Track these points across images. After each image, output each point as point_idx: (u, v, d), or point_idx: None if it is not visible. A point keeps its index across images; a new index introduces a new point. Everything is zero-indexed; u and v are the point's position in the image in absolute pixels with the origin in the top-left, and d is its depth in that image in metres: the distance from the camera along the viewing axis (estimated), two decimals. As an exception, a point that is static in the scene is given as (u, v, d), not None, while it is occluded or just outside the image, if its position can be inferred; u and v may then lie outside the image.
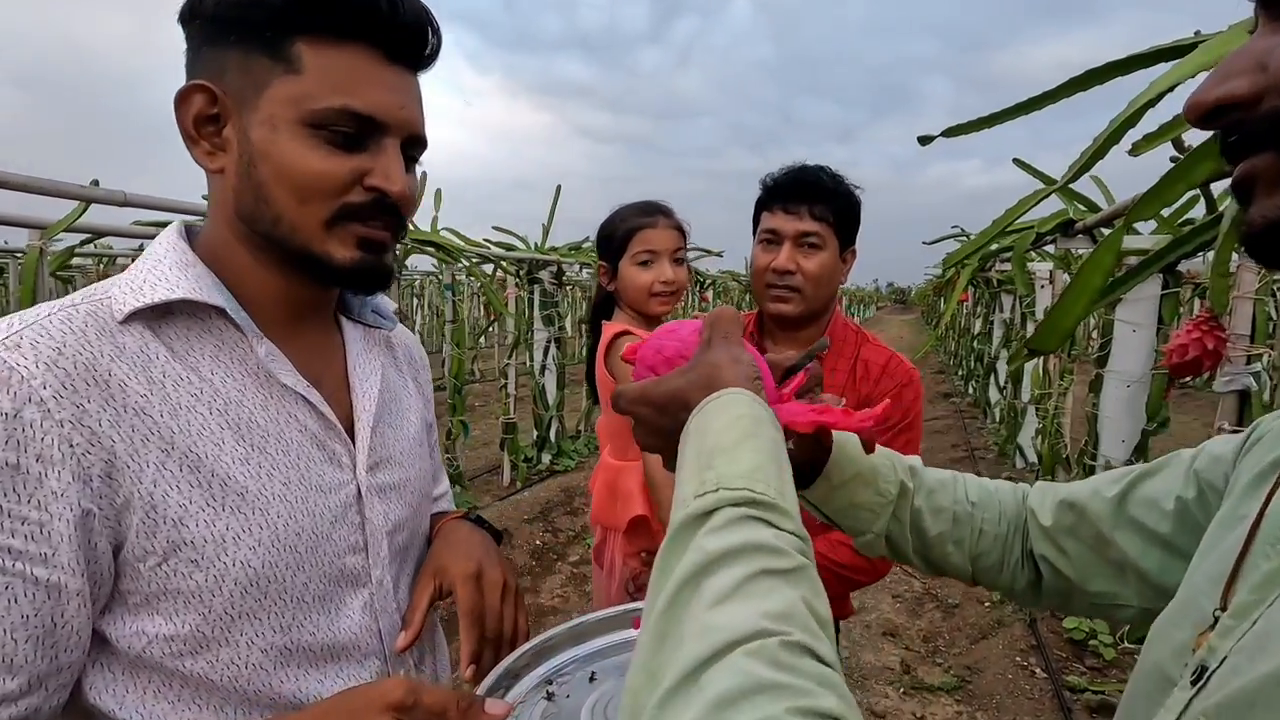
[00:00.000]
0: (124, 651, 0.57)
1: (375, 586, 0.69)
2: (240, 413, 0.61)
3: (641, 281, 1.27)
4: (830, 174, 1.28)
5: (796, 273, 1.24)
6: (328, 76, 0.59)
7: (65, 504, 0.52)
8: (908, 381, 1.28)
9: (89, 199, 2.33)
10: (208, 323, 0.62)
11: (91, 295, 0.60)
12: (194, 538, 0.56)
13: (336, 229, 0.61)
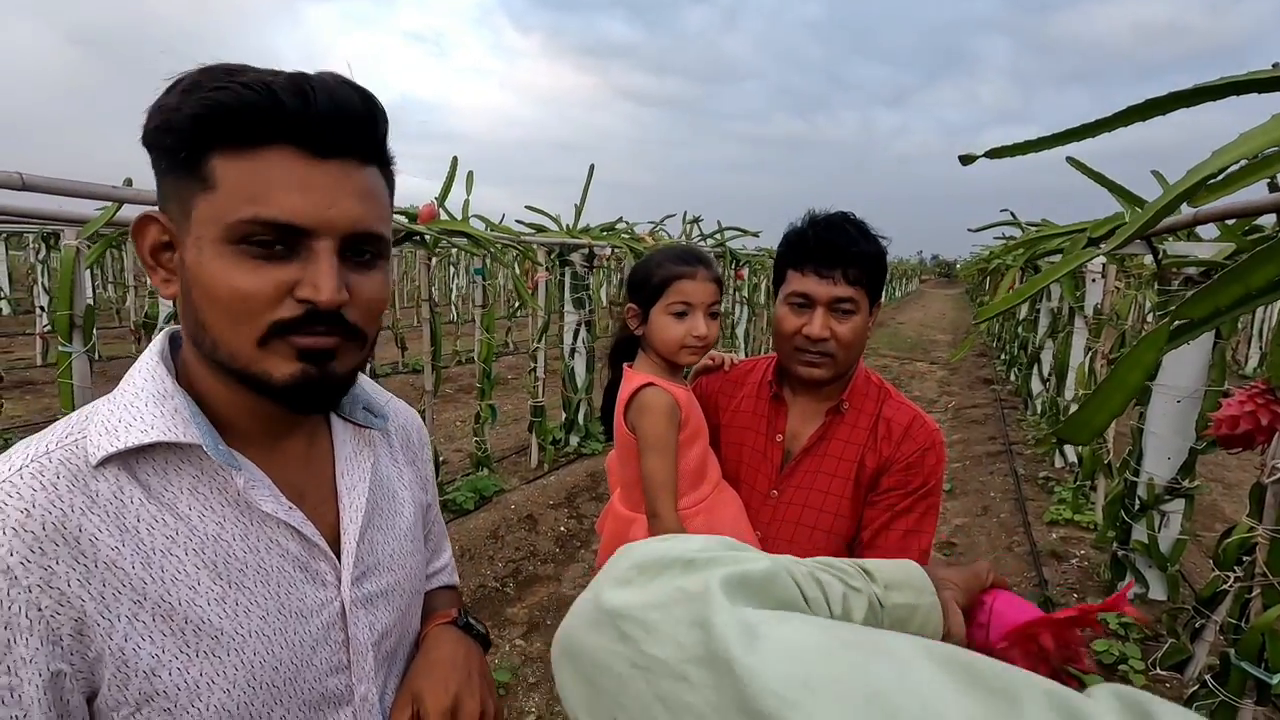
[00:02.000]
0: None
1: (358, 704, 0.69)
2: (218, 549, 0.61)
3: (674, 334, 1.22)
4: (860, 228, 1.20)
5: (830, 339, 1.18)
6: (240, 188, 0.56)
7: (35, 669, 0.52)
8: (930, 445, 1.22)
9: (121, 199, 2.36)
10: (186, 452, 0.61)
11: (65, 439, 0.59)
12: (166, 687, 0.56)
13: (272, 344, 0.59)
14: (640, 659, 0.36)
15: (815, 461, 1.26)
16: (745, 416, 1.34)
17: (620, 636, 0.38)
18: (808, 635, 0.35)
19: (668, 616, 0.37)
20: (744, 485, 1.30)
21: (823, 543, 1.23)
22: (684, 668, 0.35)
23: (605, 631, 0.39)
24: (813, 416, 1.28)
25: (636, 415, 1.20)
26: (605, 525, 1.35)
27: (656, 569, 0.40)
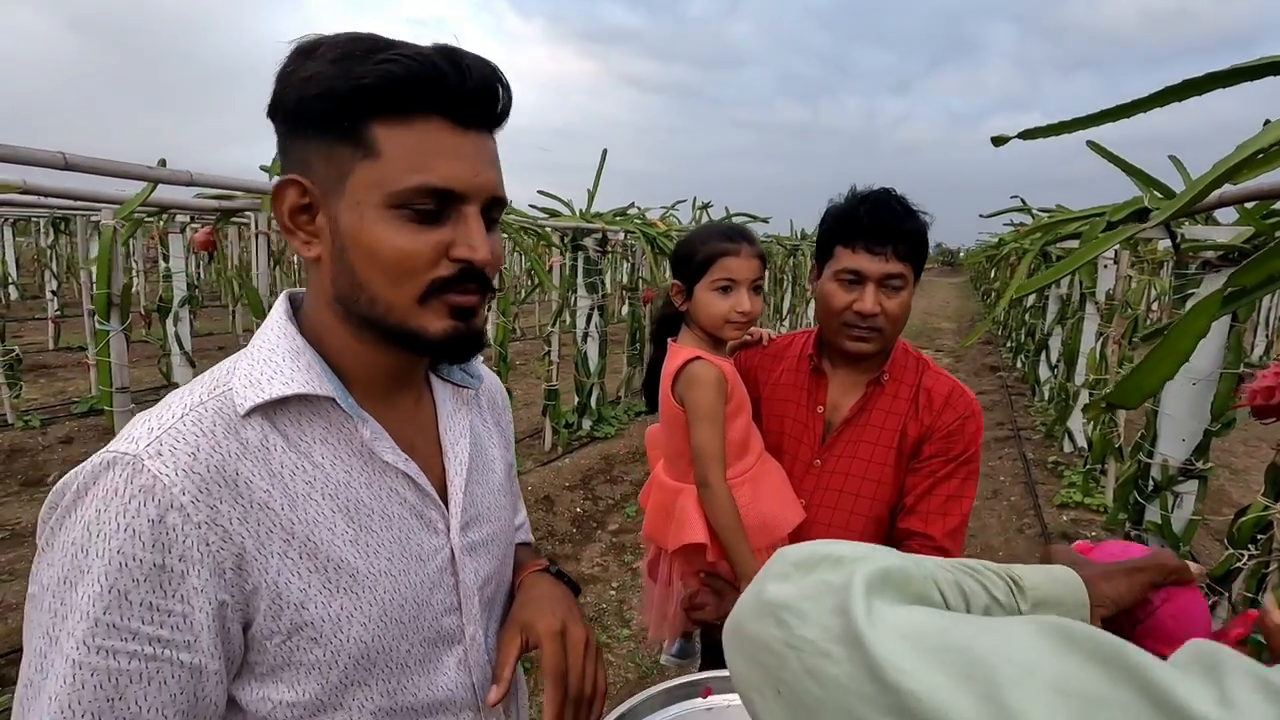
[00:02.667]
0: (252, 714, 0.63)
1: (469, 643, 0.74)
2: (348, 494, 0.65)
3: (719, 309, 1.25)
4: (905, 205, 1.23)
5: (880, 315, 1.21)
6: (403, 156, 0.60)
7: (205, 598, 0.57)
8: (969, 413, 1.26)
9: (156, 180, 2.39)
10: (316, 406, 0.65)
11: (214, 390, 0.63)
12: (313, 619, 0.62)
13: (429, 303, 0.63)
14: (794, 640, 0.43)
15: (857, 431, 1.29)
16: (785, 389, 1.37)
17: (778, 623, 0.45)
18: (928, 619, 0.41)
19: (816, 605, 0.43)
20: (786, 456, 1.34)
21: (866, 509, 1.27)
22: (828, 646, 0.41)
23: (766, 620, 0.46)
24: (853, 388, 1.31)
25: (685, 387, 1.24)
26: (649, 496, 1.39)
27: (809, 566, 0.47)
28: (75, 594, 0.54)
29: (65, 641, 0.54)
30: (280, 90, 0.61)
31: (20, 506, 4.28)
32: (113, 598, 0.54)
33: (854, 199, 1.25)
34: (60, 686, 0.54)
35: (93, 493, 0.55)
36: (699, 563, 1.30)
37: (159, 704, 0.56)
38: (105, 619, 0.54)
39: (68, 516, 0.56)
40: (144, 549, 0.55)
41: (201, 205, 3.05)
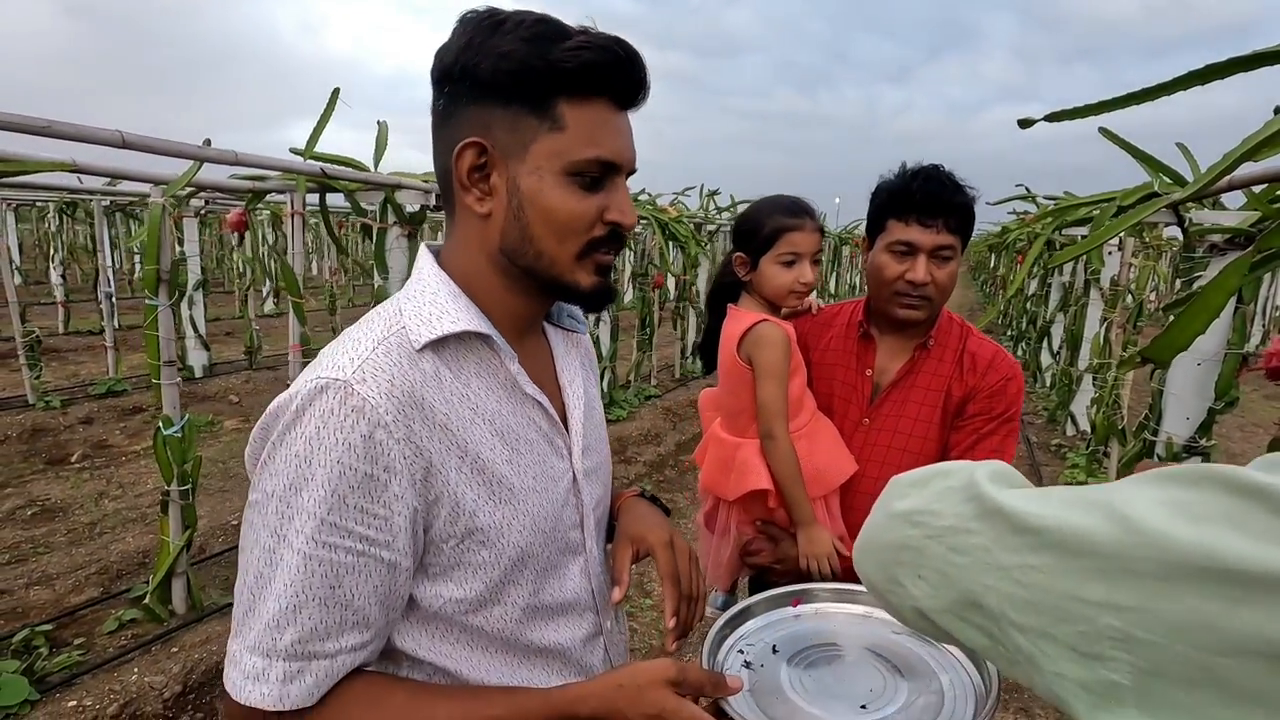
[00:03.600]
0: (425, 608, 0.72)
1: (588, 554, 0.84)
2: (500, 421, 0.74)
3: (783, 281, 1.34)
4: (954, 180, 1.31)
5: (930, 284, 1.29)
6: (583, 131, 0.69)
7: (404, 504, 0.66)
8: (1012, 375, 1.35)
9: (204, 159, 2.46)
10: (469, 344, 0.74)
11: (391, 327, 0.71)
12: (483, 525, 0.71)
13: (584, 260, 0.73)
14: (932, 532, 0.53)
15: (903, 393, 1.39)
16: (834, 354, 1.47)
17: (913, 524, 0.54)
18: (1043, 490, 0.51)
19: (945, 502, 0.53)
20: (836, 415, 1.43)
21: (912, 463, 1.35)
22: (967, 524, 0.50)
23: (898, 527, 0.56)
24: (900, 353, 1.41)
25: (754, 347, 1.33)
26: (706, 453, 1.48)
27: (924, 481, 0.57)
28: (301, 498, 0.63)
29: (295, 538, 0.63)
30: (470, 60, 0.67)
31: (48, 483, 4.36)
32: (334, 501, 0.63)
33: (905, 175, 1.34)
34: (293, 575, 0.63)
35: (310, 413, 0.64)
36: (757, 511, 1.39)
37: (366, 592, 0.66)
38: (329, 519, 0.63)
39: (288, 433, 0.64)
40: (358, 460, 0.63)
41: (236, 186, 3.12)
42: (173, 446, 2.60)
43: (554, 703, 0.68)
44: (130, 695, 2.23)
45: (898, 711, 0.75)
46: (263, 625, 0.63)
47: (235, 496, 4.17)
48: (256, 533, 0.65)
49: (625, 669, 0.70)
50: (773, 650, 0.84)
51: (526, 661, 0.77)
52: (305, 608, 0.63)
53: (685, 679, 0.68)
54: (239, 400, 6.38)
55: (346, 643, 0.66)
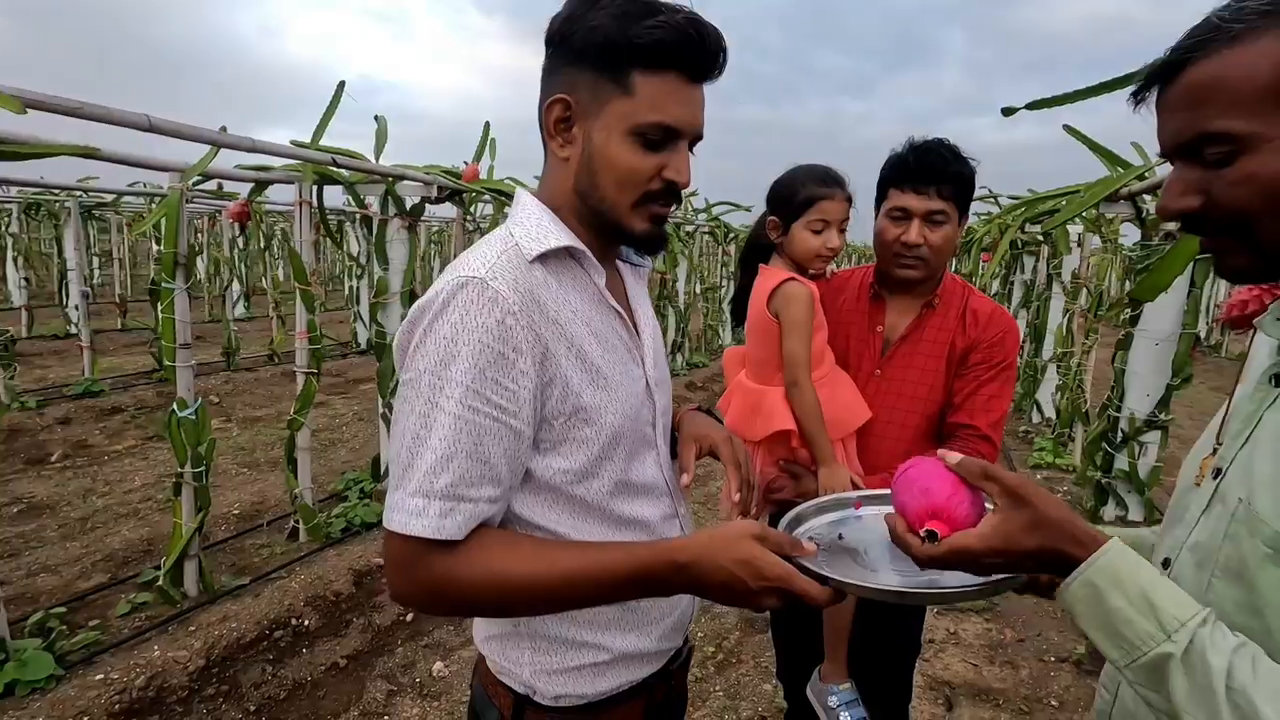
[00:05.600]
0: (538, 479, 0.85)
1: (659, 450, 0.97)
2: (594, 325, 0.87)
3: (812, 245, 1.48)
4: (952, 151, 1.47)
5: (924, 245, 1.45)
6: (651, 98, 0.80)
7: (528, 379, 0.79)
8: (1009, 328, 1.51)
9: (221, 144, 2.52)
10: (566, 262, 0.88)
11: (508, 243, 0.84)
12: (586, 404, 0.84)
13: (639, 209, 0.85)
14: None
15: (911, 346, 1.54)
16: (848, 314, 1.62)
17: None
18: None
19: None
20: (851, 369, 1.58)
21: (920, 409, 1.52)
22: None
23: None
24: (908, 311, 1.56)
25: (782, 303, 1.47)
26: (732, 401, 1.62)
27: None
28: (450, 370, 0.76)
29: (446, 402, 0.76)
30: (568, 29, 0.81)
31: (30, 482, 4.29)
32: (476, 373, 0.76)
33: (907, 147, 1.50)
34: (445, 431, 0.76)
35: (454, 304, 0.77)
36: (780, 452, 1.53)
37: (499, 453, 0.79)
38: (473, 386, 0.76)
39: (437, 320, 0.77)
40: (494, 340, 0.76)
41: (241, 175, 3.16)
42: (187, 429, 2.64)
43: (657, 549, 0.80)
44: (156, 669, 2.27)
45: None
46: (422, 473, 0.76)
47: (227, 490, 4.17)
48: (411, 404, 0.77)
49: (717, 526, 0.82)
50: (839, 538, 0.96)
51: (618, 530, 0.90)
52: (455, 458, 0.76)
53: (768, 537, 0.79)
54: (219, 400, 6.32)
55: (485, 493, 0.78)
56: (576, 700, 0.91)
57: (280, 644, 2.61)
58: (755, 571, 0.77)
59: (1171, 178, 0.68)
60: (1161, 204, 0.69)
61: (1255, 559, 0.65)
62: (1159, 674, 0.62)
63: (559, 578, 0.78)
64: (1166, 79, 0.67)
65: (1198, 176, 0.66)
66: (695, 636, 2.87)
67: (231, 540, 3.41)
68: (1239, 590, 0.66)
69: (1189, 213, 0.67)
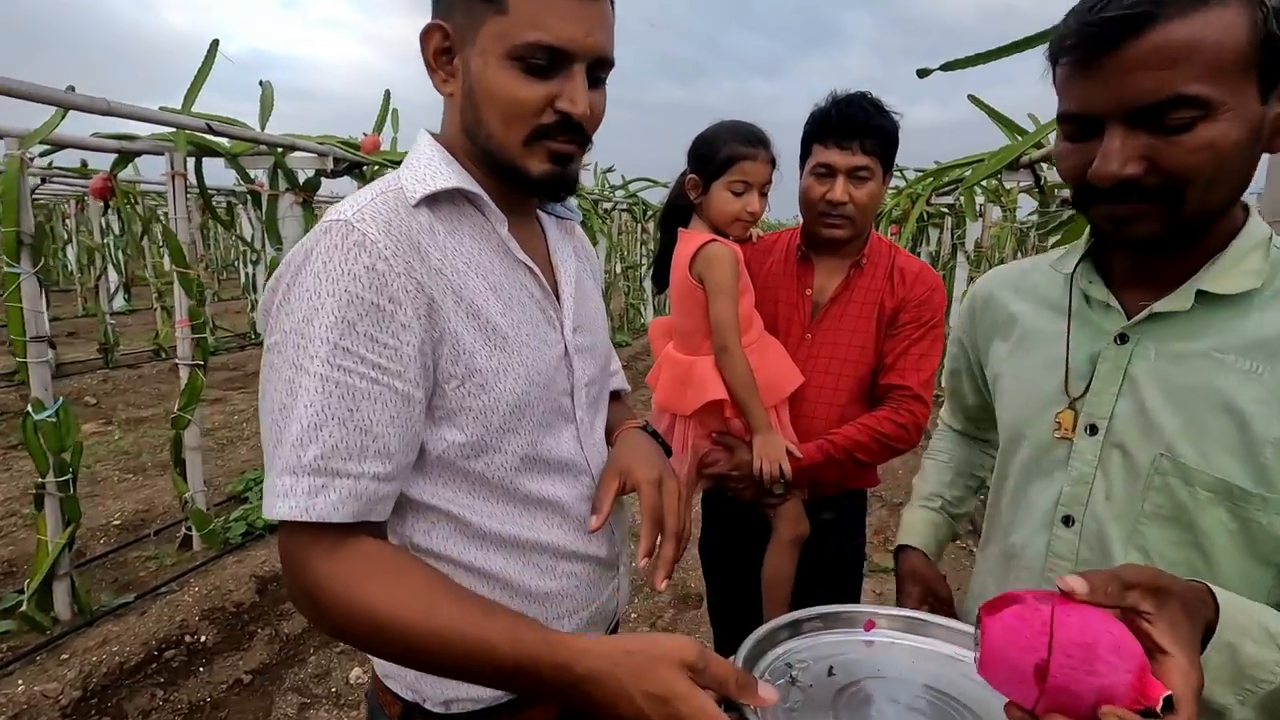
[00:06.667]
0: (429, 452, 0.74)
1: (579, 423, 0.86)
2: (494, 278, 0.77)
3: (731, 209, 1.39)
4: (875, 105, 1.42)
5: (849, 203, 1.40)
6: (527, 14, 0.69)
7: (412, 335, 0.68)
8: (936, 286, 1.49)
9: (68, 105, 2.20)
10: (463, 209, 0.77)
11: (389, 185, 0.74)
12: (480, 367, 0.73)
13: (533, 147, 0.74)
14: None
15: (841, 308, 1.50)
16: (775, 278, 1.56)
17: None
18: None
19: None
20: (780, 334, 1.53)
21: (852, 372, 1.48)
22: None
23: None
24: (836, 272, 1.52)
25: (704, 266, 1.38)
26: (660, 374, 1.53)
27: None
28: (314, 327, 0.65)
29: (311, 364, 0.65)
30: None
31: None
32: (344, 326, 0.65)
33: (830, 101, 1.44)
34: (311, 396, 0.65)
35: (316, 251, 0.67)
36: (712, 424, 1.46)
37: (384, 420, 0.67)
38: (341, 343, 0.65)
39: (300, 273, 0.67)
40: (363, 289, 0.66)
41: (100, 145, 2.81)
42: (46, 433, 2.32)
43: (554, 648, 0.62)
44: (20, 707, 1.99)
45: None
46: (288, 446, 0.65)
47: (108, 499, 3.77)
48: (278, 371, 0.67)
49: (642, 637, 0.64)
50: (828, 672, 0.71)
51: (528, 511, 0.80)
52: (325, 426, 0.65)
53: (707, 668, 0.60)
54: (97, 401, 5.74)
55: (369, 468, 0.67)
56: (471, 705, 0.79)
57: (173, 665, 2.36)
58: (671, 716, 0.58)
59: (1117, 142, 0.64)
60: (1105, 170, 0.65)
61: (1195, 503, 0.69)
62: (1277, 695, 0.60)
63: (434, 632, 0.63)
64: (1125, 36, 0.62)
65: (1144, 142, 0.64)
66: (630, 617, 2.81)
67: (112, 554, 3.08)
68: (1175, 530, 0.71)
69: (1123, 180, 0.65)
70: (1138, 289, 0.76)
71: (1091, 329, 0.79)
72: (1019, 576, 0.85)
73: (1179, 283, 0.72)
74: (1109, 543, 0.75)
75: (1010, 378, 0.89)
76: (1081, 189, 0.70)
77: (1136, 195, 0.65)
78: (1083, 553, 0.77)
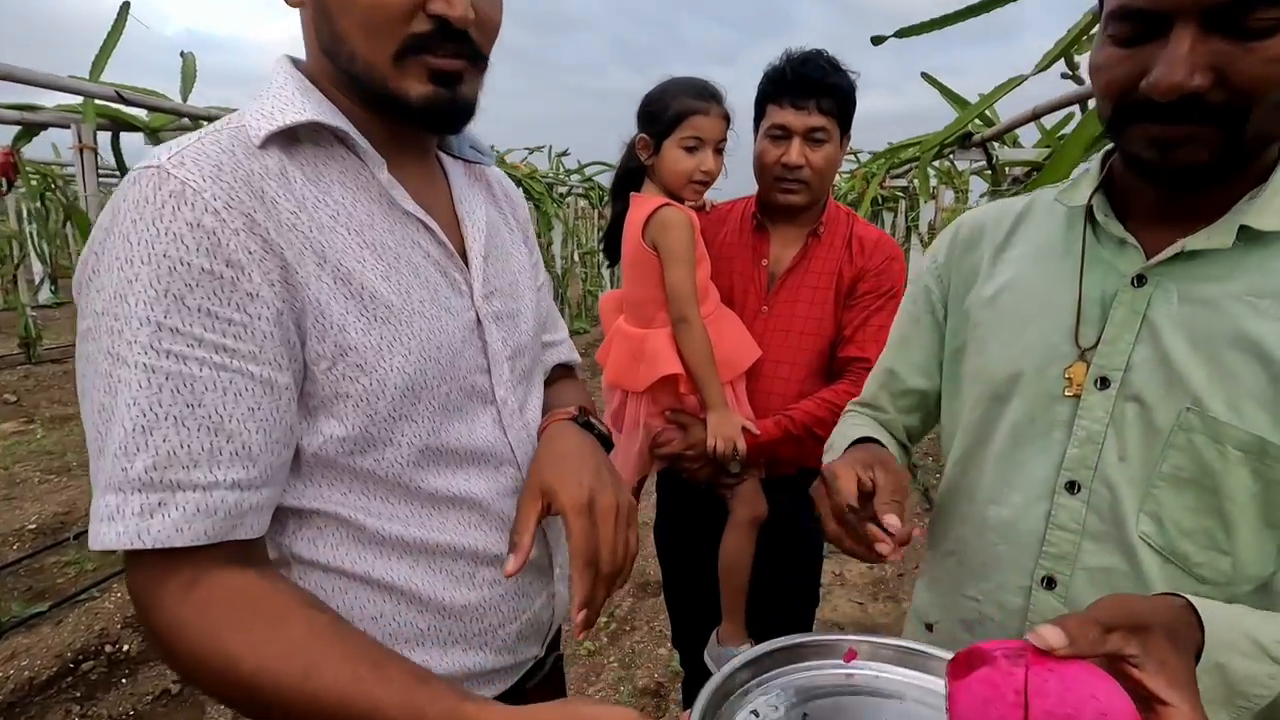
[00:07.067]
0: (304, 449, 0.61)
1: (501, 405, 0.73)
2: (373, 235, 0.63)
3: (684, 168, 1.30)
4: (832, 63, 1.34)
5: (805, 167, 1.32)
6: None
7: (263, 304, 0.56)
8: (895, 255, 1.43)
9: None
10: (331, 150, 0.63)
11: (227, 124, 0.60)
12: (356, 344, 0.60)
13: (406, 64, 0.60)
14: None
15: (798, 278, 1.43)
16: (731, 248, 1.48)
17: None
18: None
19: None
20: (736, 306, 1.45)
21: (810, 345, 1.41)
22: None
23: None
24: (793, 241, 1.44)
25: (658, 232, 1.29)
26: (610, 350, 1.44)
27: None
28: (128, 305, 0.52)
29: (129, 351, 0.52)
30: None
31: None
32: (169, 301, 0.52)
33: (784, 59, 1.36)
34: (135, 392, 0.52)
35: (124, 209, 0.53)
36: (666, 401, 1.38)
37: (239, 415, 0.55)
38: (166, 322, 0.52)
39: (107, 239, 0.54)
40: (189, 252, 0.53)
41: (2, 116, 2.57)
42: (-61, 430, 2.11)
43: (459, 715, 0.51)
44: (-90, 730, 1.81)
45: None
46: (110, 457, 0.53)
47: (26, 502, 3.52)
48: (94, 364, 0.54)
49: (565, 706, 0.52)
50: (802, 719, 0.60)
51: (437, 510, 0.67)
52: (157, 428, 0.52)
53: None
54: (17, 399, 5.38)
55: (225, 476, 0.54)
56: None
57: (91, 677, 2.19)
58: None
59: (1186, 45, 0.54)
60: (1170, 79, 0.55)
61: (1223, 463, 0.61)
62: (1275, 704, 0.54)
63: (311, 697, 0.51)
64: None
65: (1216, 48, 0.54)
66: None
67: (26, 560, 2.86)
68: (1194, 495, 0.63)
69: (1188, 94, 0.55)
70: (1160, 226, 0.66)
71: (1103, 269, 0.69)
72: (1000, 560, 0.74)
73: (1210, 219, 0.63)
74: (1122, 510, 0.66)
75: (997, 326, 0.77)
76: (1124, 105, 0.60)
77: (1196, 114, 0.56)
78: (1091, 523, 0.68)
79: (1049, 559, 0.70)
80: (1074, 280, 0.70)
